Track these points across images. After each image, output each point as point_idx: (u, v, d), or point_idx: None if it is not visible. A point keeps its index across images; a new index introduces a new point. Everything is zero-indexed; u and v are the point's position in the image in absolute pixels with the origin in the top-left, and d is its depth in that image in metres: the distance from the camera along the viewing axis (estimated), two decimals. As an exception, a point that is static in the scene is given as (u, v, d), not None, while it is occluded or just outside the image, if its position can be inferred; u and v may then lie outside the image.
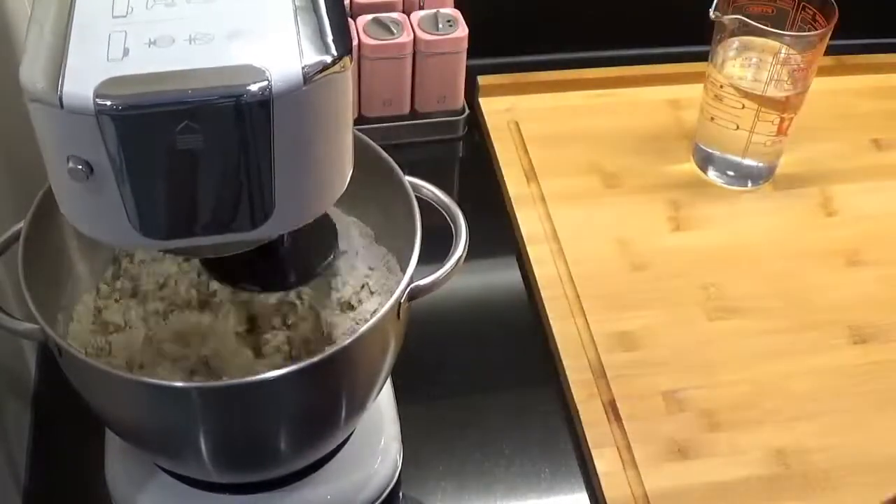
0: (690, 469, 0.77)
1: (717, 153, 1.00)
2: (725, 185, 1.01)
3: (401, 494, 0.77)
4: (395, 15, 1.02)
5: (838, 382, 0.84)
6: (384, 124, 1.05)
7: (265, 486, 0.71)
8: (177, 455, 0.68)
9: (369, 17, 1.01)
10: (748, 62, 0.95)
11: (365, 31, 0.99)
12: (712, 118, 0.98)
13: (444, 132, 1.08)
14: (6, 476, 0.74)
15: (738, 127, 0.96)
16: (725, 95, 0.94)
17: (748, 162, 0.99)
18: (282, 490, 0.72)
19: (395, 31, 1.00)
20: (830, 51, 0.95)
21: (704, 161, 1.02)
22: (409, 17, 1.02)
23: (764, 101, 0.93)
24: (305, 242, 0.66)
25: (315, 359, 0.59)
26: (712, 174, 1.01)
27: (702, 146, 1.02)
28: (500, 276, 0.95)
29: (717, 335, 0.87)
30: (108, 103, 0.45)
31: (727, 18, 0.90)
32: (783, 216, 0.98)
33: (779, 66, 0.91)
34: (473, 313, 0.91)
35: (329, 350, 0.60)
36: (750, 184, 1.01)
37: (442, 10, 1.03)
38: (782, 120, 0.95)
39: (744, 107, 0.94)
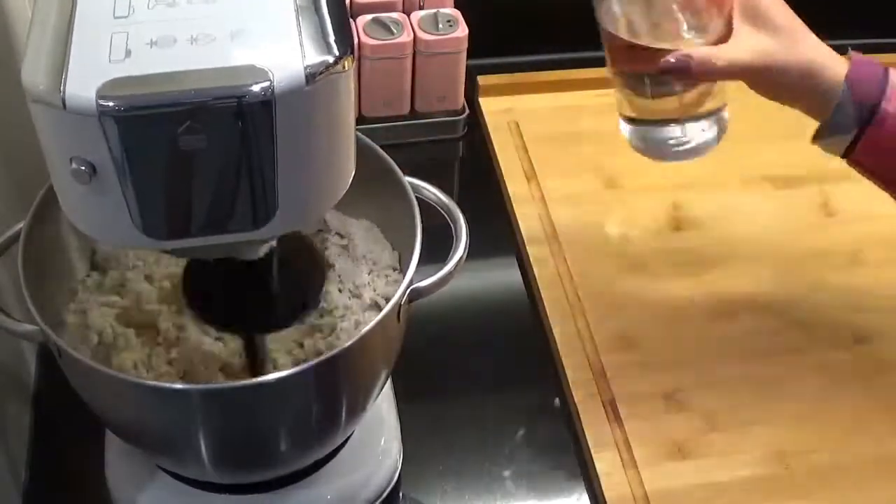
0: (690, 469, 0.77)
1: (654, 131, 0.83)
2: (684, 161, 0.83)
3: (401, 494, 0.77)
4: (395, 15, 1.01)
5: (838, 382, 0.84)
6: (384, 124, 1.05)
7: (265, 486, 0.71)
8: (177, 456, 0.68)
9: (369, 16, 1.01)
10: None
11: (365, 31, 0.99)
12: (631, 98, 0.82)
13: (444, 132, 1.08)
14: (6, 476, 0.74)
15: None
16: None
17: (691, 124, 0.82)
18: (282, 490, 0.72)
19: (395, 31, 1.00)
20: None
21: (647, 144, 0.83)
22: (409, 17, 1.02)
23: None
24: (296, 277, 0.65)
25: (315, 361, 0.59)
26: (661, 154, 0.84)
27: (637, 130, 0.84)
28: (500, 276, 0.95)
29: (717, 335, 0.87)
30: (111, 104, 0.45)
31: None
32: (783, 216, 0.99)
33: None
34: (473, 313, 0.91)
35: (329, 352, 0.60)
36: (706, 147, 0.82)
37: (442, 10, 1.02)
38: None
39: None
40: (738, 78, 0.73)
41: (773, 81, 0.73)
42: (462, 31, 1.01)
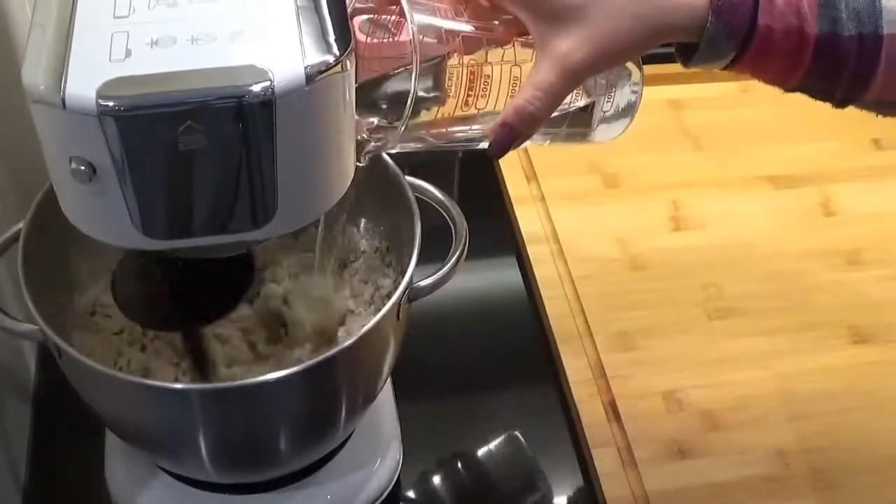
0: (690, 469, 0.77)
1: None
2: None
3: (401, 494, 0.77)
4: (395, 18, 1.01)
5: (838, 382, 0.84)
6: (384, 124, 1.05)
7: (265, 486, 0.71)
8: (177, 456, 0.68)
9: (365, 17, 1.00)
10: None
11: (360, 29, 0.99)
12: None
13: (443, 132, 1.08)
14: (6, 476, 0.74)
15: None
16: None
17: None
18: (282, 490, 0.72)
19: (395, 32, 0.99)
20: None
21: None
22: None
23: None
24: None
25: (316, 360, 0.59)
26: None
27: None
28: (500, 276, 0.95)
29: (717, 335, 0.87)
30: (111, 104, 0.45)
31: None
32: (783, 216, 0.98)
33: None
34: (473, 313, 0.91)
35: (329, 351, 0.60)
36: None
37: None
38: None
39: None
40: (570, 89, 0.57)
41: (610, 60, 0.58)
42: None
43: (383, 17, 0.71)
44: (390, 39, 0.69)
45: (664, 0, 0.56)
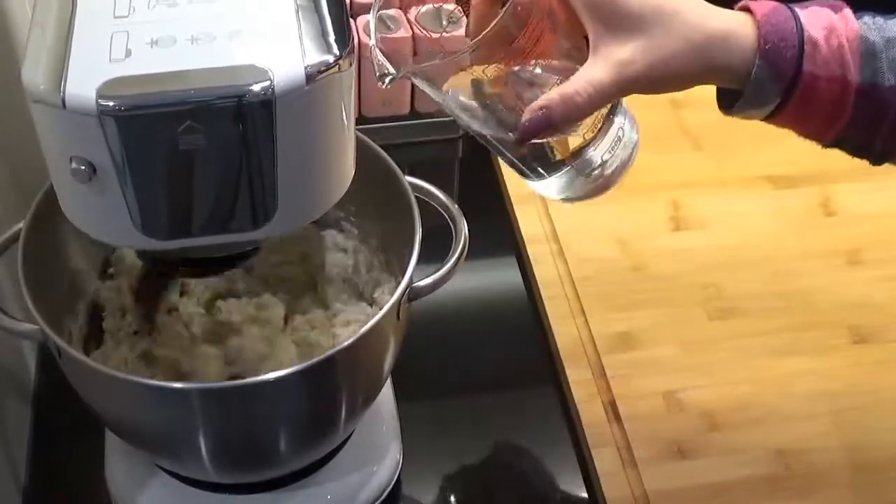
0: (690, 469, 0.77)
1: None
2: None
3: (401, 494, 0.77)
4: (391, 12, 1.01)
5: (838, 382, 0.84)
6: (384, 124, 1.05)
7: (265, 486, 0.71)
8: (177, 455, 0.68)
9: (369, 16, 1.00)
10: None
11: (365, 31, 0.99)
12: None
13: (444, 132, 1.08)
14: (6, 476, 0.74)
15: None
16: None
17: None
18: (282, 490, 0.72)
19: (392, 29, 0.99)
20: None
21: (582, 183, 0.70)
22: (405, 14, 1.01)
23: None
24: None
25: (315, 360, 0.59)
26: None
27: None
28: (500, 276, 0.95)
29: (717, 335, 0.87)
30: (111, 104, 0.45)
31: None
32: (783, 216, 0.98)
33: None
34: (473, 313, 0.91)
35: (329, 351, 0.60)
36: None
37: (445, 7, 1.02)
38: None
39: None
40: (616, 97, 0.60)
41: (660, 82, 0.59)
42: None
43: (383, 13, 0.71)
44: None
45: (715, 32, 0.57)
